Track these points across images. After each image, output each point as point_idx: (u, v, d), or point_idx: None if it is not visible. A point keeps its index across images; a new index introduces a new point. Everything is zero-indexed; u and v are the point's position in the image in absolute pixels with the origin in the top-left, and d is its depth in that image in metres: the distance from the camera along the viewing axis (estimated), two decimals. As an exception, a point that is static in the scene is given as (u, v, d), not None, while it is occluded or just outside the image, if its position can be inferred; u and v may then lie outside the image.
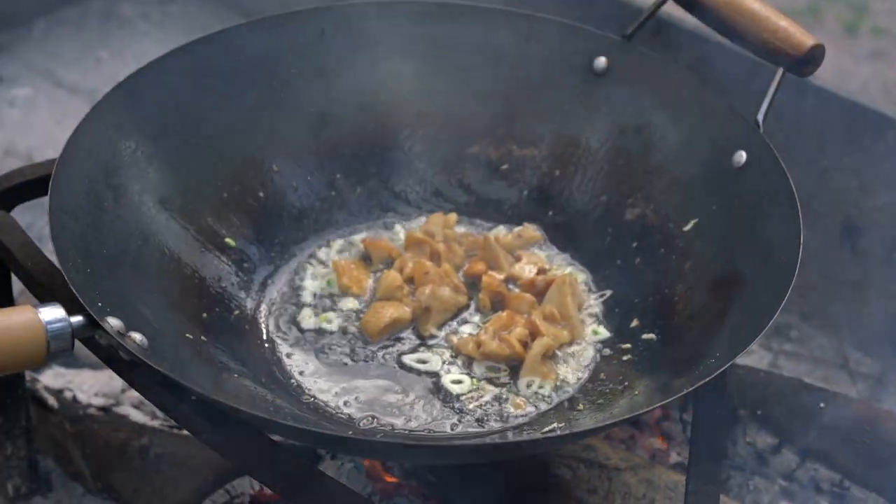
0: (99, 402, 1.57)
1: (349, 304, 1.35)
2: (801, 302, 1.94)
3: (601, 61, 1.43)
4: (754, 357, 1.89)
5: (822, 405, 1.39)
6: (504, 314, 1.28)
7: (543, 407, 1.21)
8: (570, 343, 1.29)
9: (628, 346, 1.28)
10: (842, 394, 1.42)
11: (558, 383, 1.24)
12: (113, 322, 1.04)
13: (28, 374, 1.47)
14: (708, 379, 1.02)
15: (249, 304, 1.33)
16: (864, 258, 1.84)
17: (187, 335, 1.20)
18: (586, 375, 1.26)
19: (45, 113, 2.42)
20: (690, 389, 1.03)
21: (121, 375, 1.15)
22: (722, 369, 1.02)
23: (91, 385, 1.61)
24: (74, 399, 1.57)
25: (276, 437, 1.10)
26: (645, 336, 1.27)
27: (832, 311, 1.91)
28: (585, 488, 1.28)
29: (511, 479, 1.31)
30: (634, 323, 1.30)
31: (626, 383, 1.22)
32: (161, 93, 1.33)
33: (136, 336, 1.05)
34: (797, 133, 1.81)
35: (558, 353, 1.27)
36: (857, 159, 1.78)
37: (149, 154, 1.29)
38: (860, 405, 1.40)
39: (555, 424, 1.17)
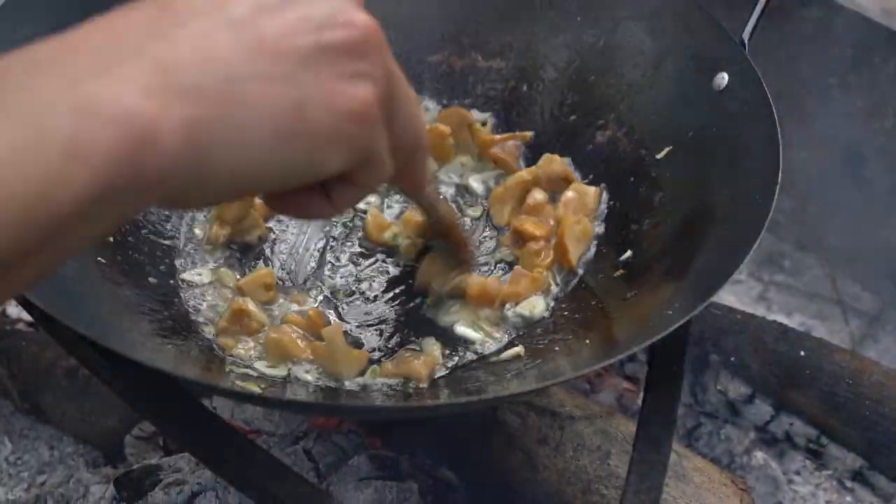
0: (29, 317, 1.46)
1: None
2: (797, 229, 1.81)
3: (571, -38, 1.28)
4: (742, 287, 1.78)
5: (802, 353, 1.27)
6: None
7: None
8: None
9: (584, 283, 1.15)
10: (826, 341, 1.30)
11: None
12: None
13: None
14: (657, 338, 0.90)
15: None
16: (867, 186, 1.71)
17: (99, 259, 1.08)
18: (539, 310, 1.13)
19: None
20: (636, 350, 0.91)
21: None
22: (672, 328, 0.90)
23: (23, 298, 1.51)
24: (3, 313, 1.47)
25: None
26: (604, 274, 1.14)
27: (830, 241, 1.79)
28: (535, 438, 1.18)
29: (454, 424, 1.21)
30: (593, 251, 1.18)
31: (578, 330, 1.09)
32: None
33: None
34: (800, 47, 1.67)
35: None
36: (864, 79, 1.64)
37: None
38: (844, 354, 1.28)
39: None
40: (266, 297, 1.12)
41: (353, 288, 1.15)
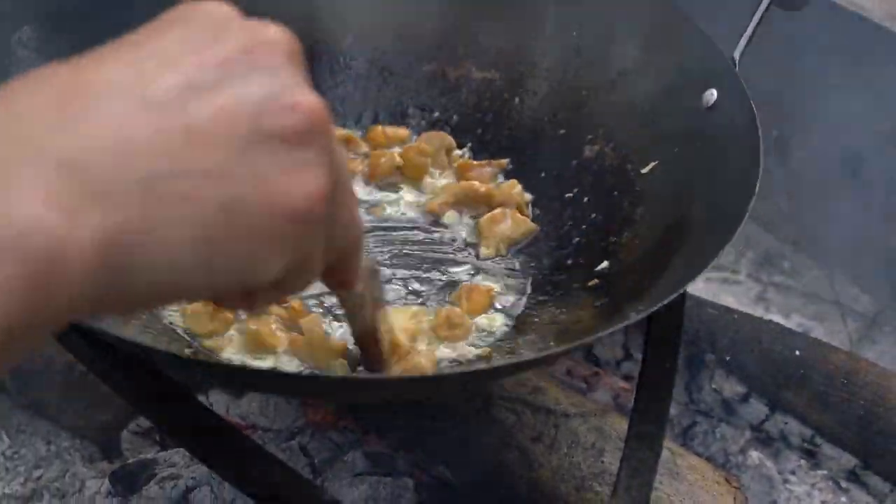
0: (27, 312, 1.46)
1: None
2: (795, 230, 1.82)
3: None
4: (741, 288, 1.78)
5: (797, 353, 1.27)
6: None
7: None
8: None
9: (560, 281, 1.17)
10: (821, 341, 1.30)
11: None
12: None
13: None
14: (604, 334, 0.93)
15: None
16: (866, 187, 1.71)
17: None
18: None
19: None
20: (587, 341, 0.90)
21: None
22: (624, 324, 0.91)
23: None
24: (2, 307, 1.47)
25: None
26: (578, 284, 1.16)
27: (829, 243, 1.79)
28: (529, 435, 1.18)
29: (451, 421, 1.21)
30: (570, 262, 1.19)
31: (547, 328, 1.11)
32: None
33: None
34: (799, 47, 1.67)
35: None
36: (863, 80, 1.64)
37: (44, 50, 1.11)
38: (839, 354, 1.28)
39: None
40: None
41: None
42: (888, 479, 1.22)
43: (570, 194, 1.24)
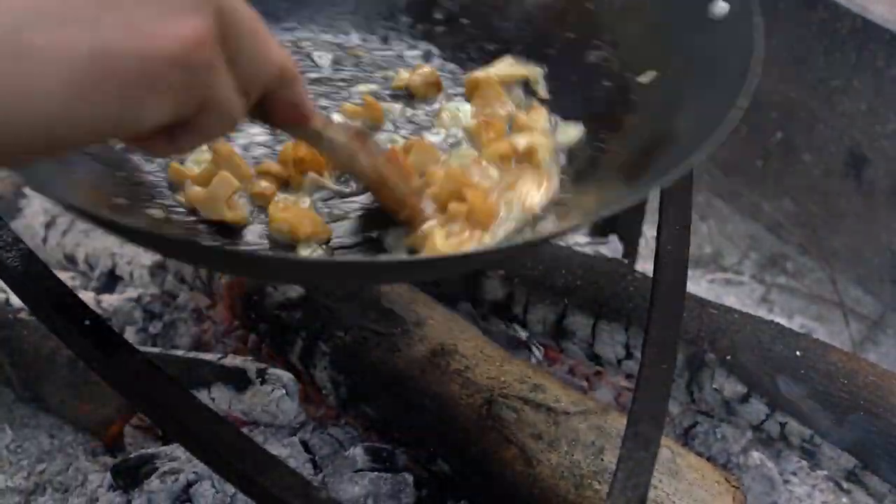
0: (32, 306, 1.47)
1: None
2: (799, 232, 1.82)
3: None
4: (744, 289, 1.78)
5: (797, 353, 1.27)
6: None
7: None
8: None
9: None
10: (821, 341, 1.29)
11: None
12: None
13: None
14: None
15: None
16: (870, 189, 1.71)
17: None
18: None
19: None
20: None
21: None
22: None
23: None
24: (7, 302, 1.48)
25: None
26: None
27: (833, 244, 1.79)
28: (529, 433, 1.18)
29: (452, 419, 1.21)
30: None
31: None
32: None
33: None
34: (804, 49, 1.67)
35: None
36: (867, 82, 1.64)
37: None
38: (839, 354, 1.27)
39: None
40: None
41: None
42: (888, 479, 1.22)
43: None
